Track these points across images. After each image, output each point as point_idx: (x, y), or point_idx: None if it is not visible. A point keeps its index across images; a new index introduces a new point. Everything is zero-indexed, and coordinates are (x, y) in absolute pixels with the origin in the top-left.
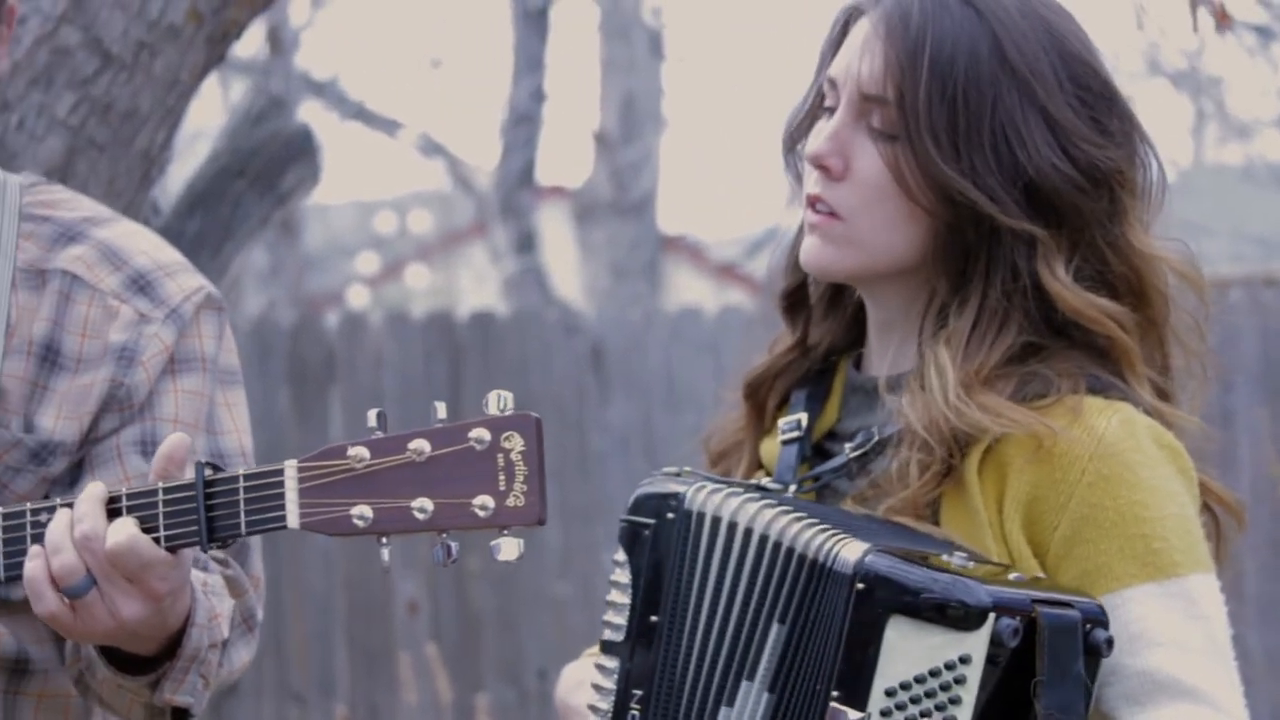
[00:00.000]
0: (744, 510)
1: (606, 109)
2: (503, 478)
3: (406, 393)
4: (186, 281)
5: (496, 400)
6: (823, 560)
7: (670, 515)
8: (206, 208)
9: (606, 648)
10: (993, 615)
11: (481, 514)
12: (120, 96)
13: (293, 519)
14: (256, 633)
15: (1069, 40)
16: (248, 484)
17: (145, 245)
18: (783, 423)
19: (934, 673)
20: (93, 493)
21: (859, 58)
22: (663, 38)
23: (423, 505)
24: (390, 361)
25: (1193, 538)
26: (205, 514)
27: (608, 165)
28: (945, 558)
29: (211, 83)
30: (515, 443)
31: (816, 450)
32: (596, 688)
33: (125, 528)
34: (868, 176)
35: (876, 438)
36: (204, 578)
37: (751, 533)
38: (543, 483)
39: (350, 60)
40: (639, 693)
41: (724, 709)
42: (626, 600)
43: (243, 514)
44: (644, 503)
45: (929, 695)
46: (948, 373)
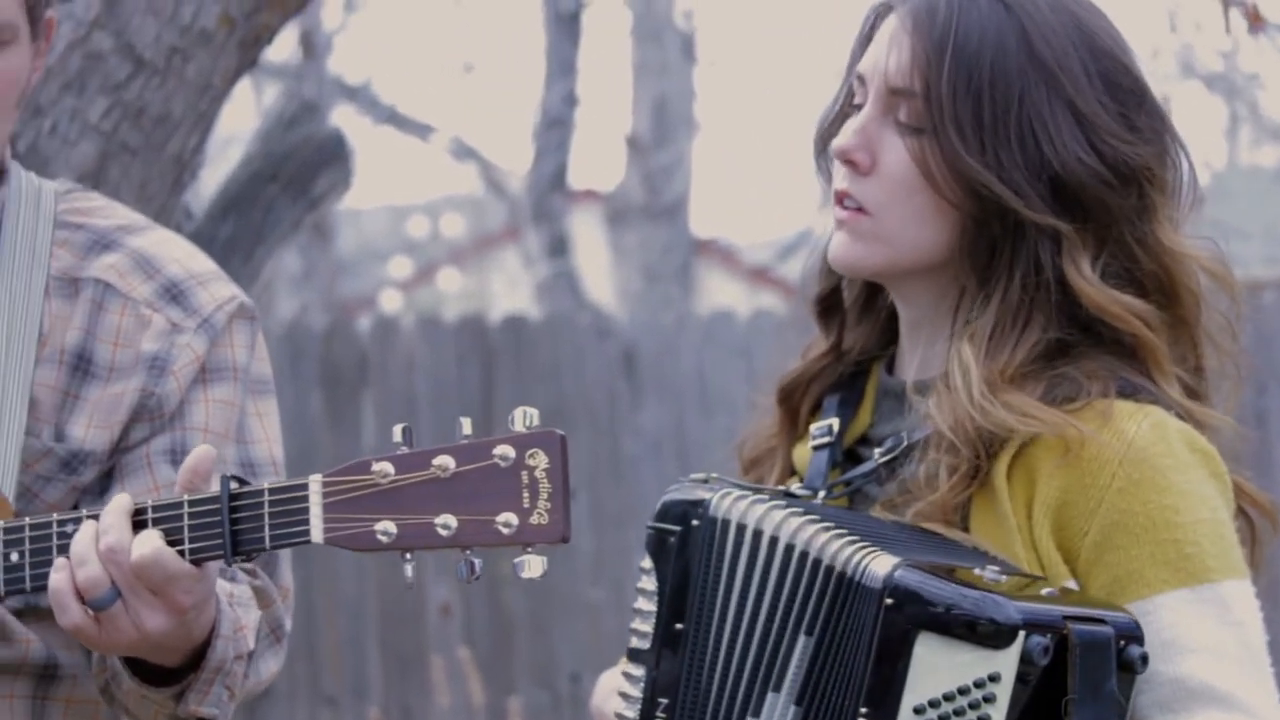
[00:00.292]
0: (769, 518)
1: (639, 113)
2: (527, 495)
3: (438, 397)
4: (219, 291)
5: (522, 417)
6: (851, 573)
7: (695, 522)
8: (239, 212)
9: (633, 656)
10: (1023, 633)
11: (505, 531)
12: (153, 101)
13: (317, 534)
14: (284, 643)
15: (1099, 36)
16: (273, 498)
17: (178, 254)
18: (814, 428)
19: (963, 690)
20: (119, 505)
21: (886, 52)
22: (695, 41)
23: (446, 522)
24: (422, 365)
25: (1226, 542)
26: (230, 527)
27: (640, 169)
28: (977, 571)
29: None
30: (540, 460)
31: (849, 455)
32: (624, 696)
33: (150, 540)
34: (894, 170)
35: (905, 443)
36: (231, 588)
37: (777, 541)
38: (567, 500)
39: (383, 65)
40: (665, 701)
41: None
42: (652, 608)
43: (267, 528)
44: (670, 510)
45: (958, 714)
46: (971, 370)
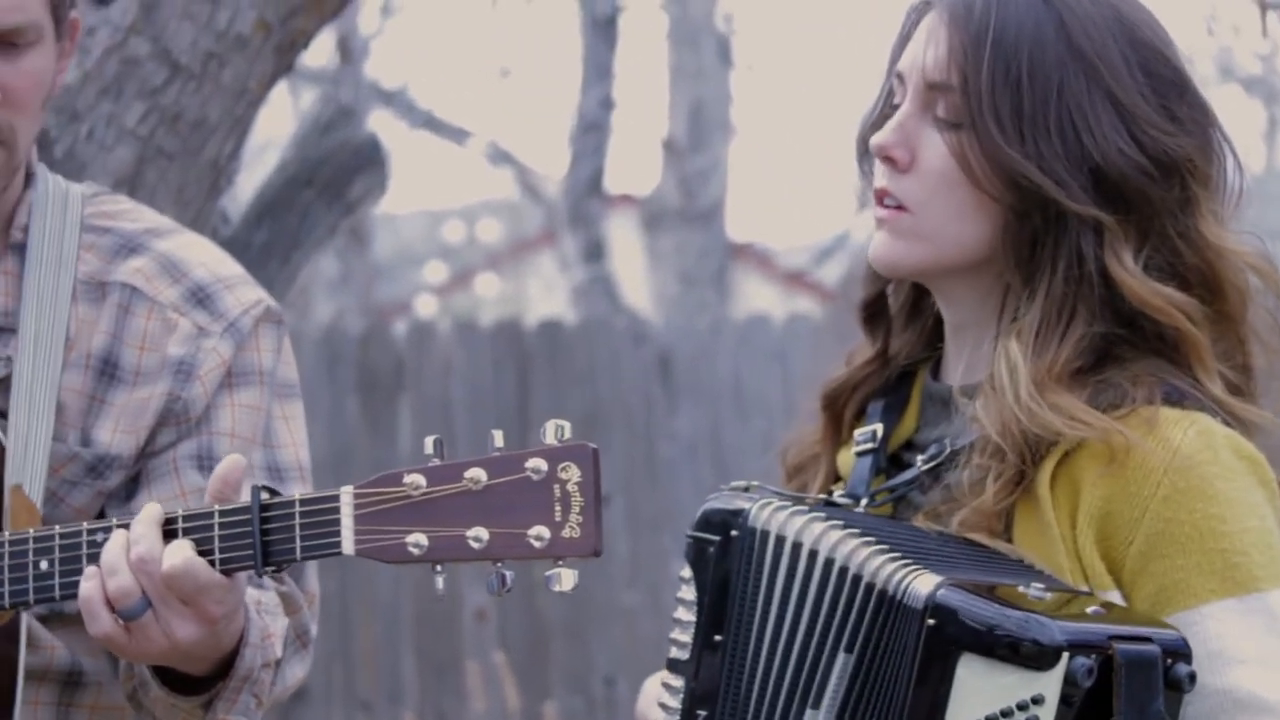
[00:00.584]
0: (809, 530)
1: (675, 117)
2: (559, 508)
3: (475, 402)
4: (245, 294)
5: (554, 430)
6: (892, 591)
7: (735, 532)
8: (275, 217)
9: (672, 665)
10: (1067, 654)
11: (537, 545)
12: (189, 106)
13: (348, 545)
14: (310, 649)
15: (1139, 28)
16: (304, 509)
17: (205, 257)
18: (858, 434)
19: (1006, 713)
20: (150, 514)
21: (924, 48)
22: (731, 45)
23: (478, 534)
24: (459, 370)
25: (1274, 551)
26: (261, 538)
27: (676, 173)
28: (1021, 589)
29: (280, 91)
30: (572, 473)
31: (893, 460)
32: (663, 706)
33: (182, 550)
34: (934, 166)
35: (949, 449)
36: (258, 595)
37: (817, 554)
38: (599, 513)
39: (419, 69)
40: (703, 713)
41: None
42: (692, 618)
43: (298, 539)
44: (710, 518)
45: None
46: (1019, 368)
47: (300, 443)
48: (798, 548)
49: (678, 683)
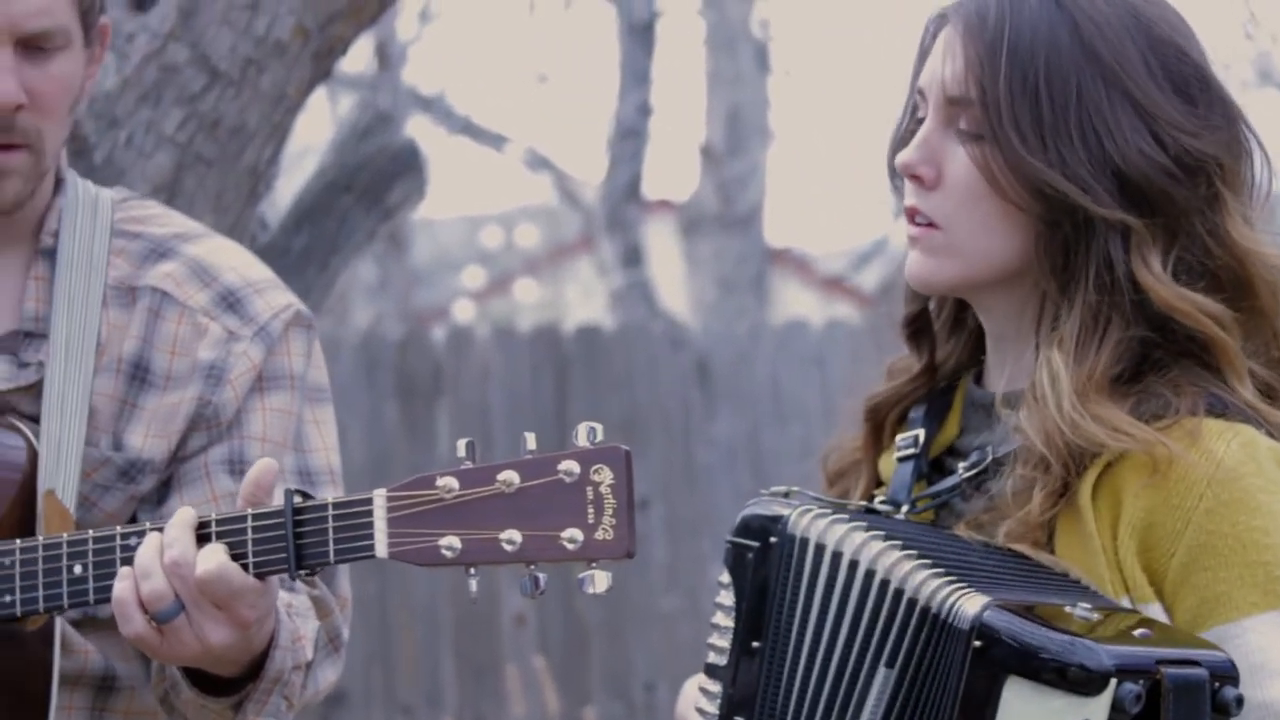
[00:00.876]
0: (850, 540)
1: (713, 122)
2: (591, 510)
3: (513, 407)
4: (275, 299)
5: (586, 432)
6: (936, 609)
7: (774, 539)
8: (314, 223)
9: (710, 671)
10: (1115, 680)
11: (570, 547)
12: (228, 112)
13: (381, 549)
14: (342, 653)
15: (1156, 25)
16: (337, 512)
17: (235, 261)
18: (900, 439)
19: None
20: (183, 518)
21: (942, 62)
22: (769, 50)
23: (511, 537)
24: (497, 375)
25: None
26: (294, 542)
27: (714, 178)
28: (1067, 609)
29: (319, 98)
30: (605, 475)
31: (935, 466)
32: (700, 711)
33: (215, 555)
34: (959, 180)
35: (990, 457)
36: (289, 599)
37: (858, 565)
38: (632, 516)
39: (457, 75)
40: (740, 719)
41: None
42: (730, 623)
43: (331, 543)
44: (749, 524)
45: None
46: (1061, 378)
47: (331, 447)
48: (838, 557)
49: (715, 688)
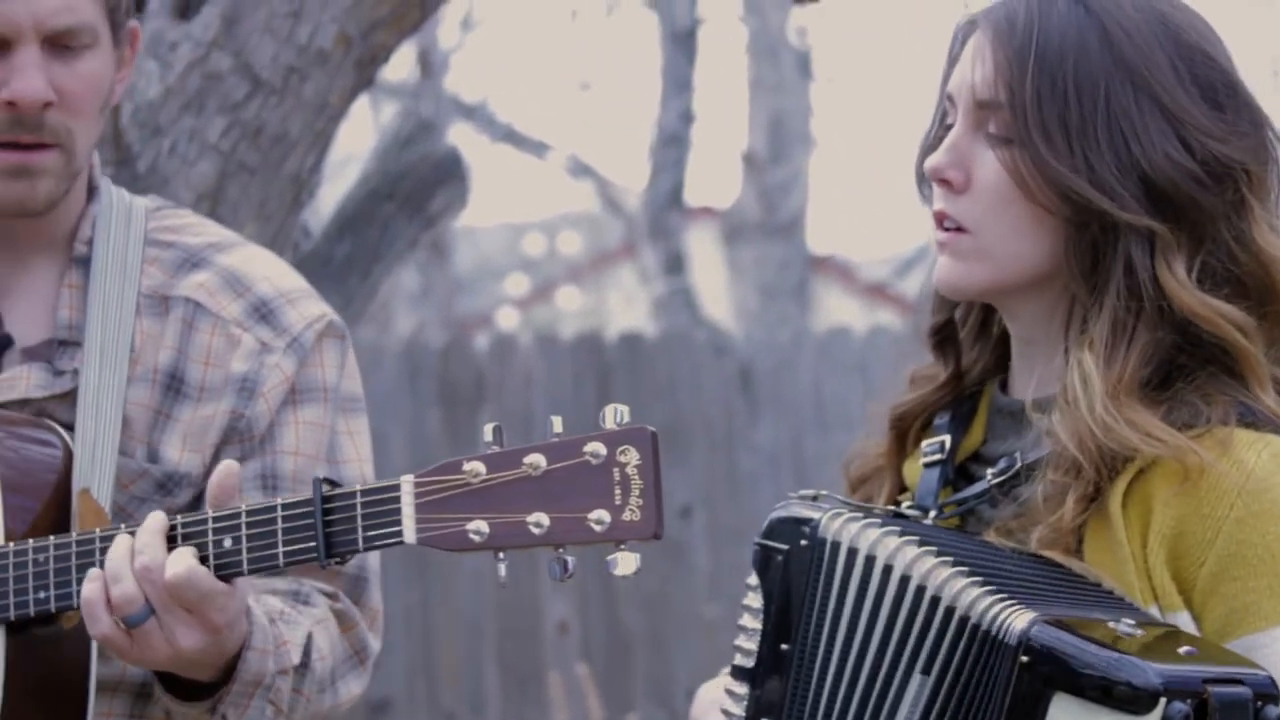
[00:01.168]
0: (882, 544)
1: (755, 129)
2: (618, 492)
3: (555, 414)
4: (308, 309)
5: (613, 414)
6: (977, 621)
7: (803, 542)
8: (356, 231)
9: (737, 673)
10: (1164, 699)
11: (598, 528)
12: (270, 120)
13: (409, 534)
14: (368, 665)
15: (1185, 31)
16: (365, 499)
17: (269, 271)
18: (925, 445)
19: None
20: (153, 524)
21: (971, 67)
22: (810, 58)
23: (539, 520)
24: (539, 382)
25: None
26: (324, 530)
27: (756, 186)
28: (1111, 624)
29: (361, 106)
30: (631, 456)
31: (960, 472)
32: (726, 713)
33: (184, 559)
34: (988, 184)
35: (1020, 464)
36: (281, 607)
37: (891, 570)
38: (659, 496)
39: (499, 83)
40: None
41: None
42: (758, 626)
43: (360, 529)
44: (777, 527)
45: None
46: (1093, 380)
47: (365, 458)
48: (870, 561)
49: (742, 690)
